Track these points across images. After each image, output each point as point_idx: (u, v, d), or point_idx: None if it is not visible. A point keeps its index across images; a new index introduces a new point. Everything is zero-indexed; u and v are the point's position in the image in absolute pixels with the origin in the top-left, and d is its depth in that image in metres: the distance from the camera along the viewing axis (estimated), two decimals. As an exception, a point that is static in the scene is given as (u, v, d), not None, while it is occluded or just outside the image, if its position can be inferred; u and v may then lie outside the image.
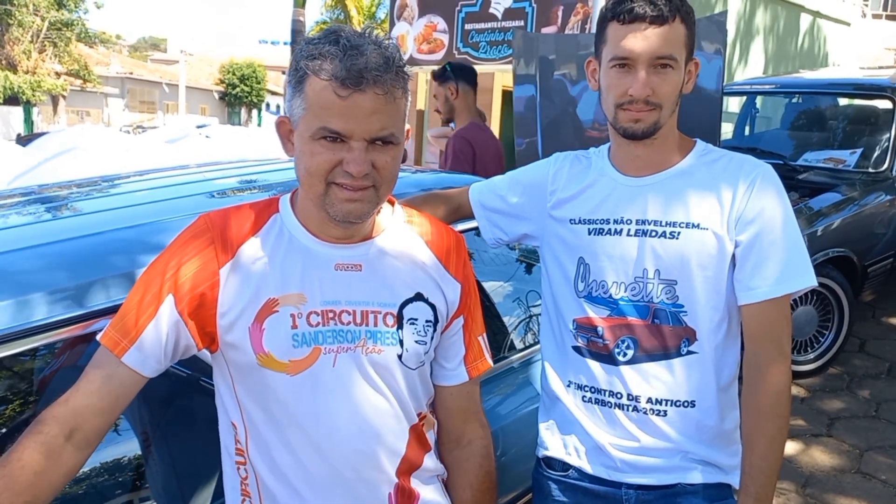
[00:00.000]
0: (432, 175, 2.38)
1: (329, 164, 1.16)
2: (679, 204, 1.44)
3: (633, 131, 1.43)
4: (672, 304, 1.44)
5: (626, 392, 1.47)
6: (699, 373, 1.45)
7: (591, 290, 1.50)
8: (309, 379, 1.21)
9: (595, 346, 1.50)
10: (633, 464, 1.48)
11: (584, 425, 1.52)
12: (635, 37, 1.37)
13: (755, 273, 1.40)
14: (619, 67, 1.41)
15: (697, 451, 1.47)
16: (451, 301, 1.35)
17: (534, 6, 7.93)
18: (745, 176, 1.43)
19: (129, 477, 1.47)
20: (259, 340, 1.19)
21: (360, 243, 1.27)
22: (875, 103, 5.49)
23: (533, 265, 2.83)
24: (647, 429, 1.46)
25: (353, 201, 1.18)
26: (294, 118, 1.19)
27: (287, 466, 1.23)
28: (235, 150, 8.93)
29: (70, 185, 2.18)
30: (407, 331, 1.27)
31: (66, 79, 29.42)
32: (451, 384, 1.40)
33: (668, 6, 1.37)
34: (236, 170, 2.39)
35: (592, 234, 1.50)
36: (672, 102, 1.43)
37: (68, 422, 1.11)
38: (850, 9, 13.62)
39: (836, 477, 3.29)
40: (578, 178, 1.57)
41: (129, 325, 1.16)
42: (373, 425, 1.24)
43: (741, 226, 1.41)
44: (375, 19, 24.44)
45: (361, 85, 1.12)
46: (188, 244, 1.21)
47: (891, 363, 4.48)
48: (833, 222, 4.33)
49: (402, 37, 9.53)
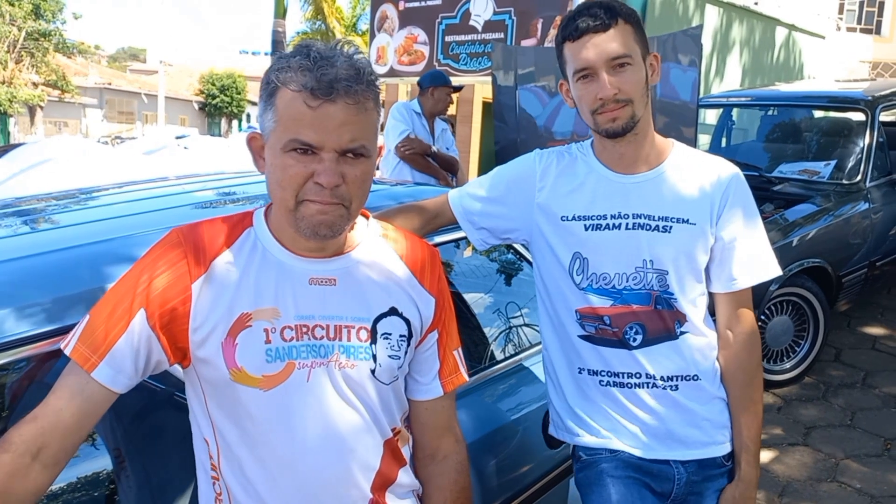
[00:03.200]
0: (408, 188, 2.38)
1: (300, 177, 1.15)
2: (670, 200, 1.59)
3: (614, 129, 1.55)
4: (664, 291, 1.59)
5: (643, 372, 1.61)
6: (694, 350, 1.62)
7: (591, 282, 1.61)
8: (282, 394, 1.20)
9: (605, 332, 1.61)
10: (669, 436, 1.62)
11: (608, 410, 1.64)
12: (587, 48, 1.52)
13: (736, 266, 1.60)
14: (584, 79, 1.55)
15: (711, 416, 1.64)
16: (426, 315, 1.35)
17: (513, 19, 7.98)
18: (725, 178, 1.61)
19: (102, 494, 1.45)
20: (232, 355, 1.18)
21: (335, 257, 1.27)
22: (849, 115, 5.56)
23: (513, 275, 2.84)
24: (667, 402, 1.61)
25: (323, 214, 1.17)
26: (265, 132, 1.19)
27: (259, 483, 1.22)
28: (214, 161, 8.87)
29: (46, 198, 2.16)
30: (380, 345, 1.26)
31: (43, 89, 29.13)
32: (426, 398, 1.40)
33: (607, 13, 1.51)
34: (215, 182, 2.38)
35: (590, 229, 1.60)
36: (641, 95, 1.55)
37: (35, 440, 1.09)
38: (825, 22, 13.84)
39: (813, 486, 3.31)
40: (567, 174, 1.65)
41: (99, 339, 1.14)
42: (346, 440, 1.23)
43: (722, 223, 1.59)
44: (356, 30, 24.48)
45: (332, 95, 1.12)
46: (160, 258, 1.20)
47: (866, 372, 4.53)
48: (808, 233, 4.37)
49: (382, 48, 9.55)
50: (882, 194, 4.89)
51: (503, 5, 8.05)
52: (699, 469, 1.64)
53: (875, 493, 3.23)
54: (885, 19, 23.47)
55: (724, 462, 1.66)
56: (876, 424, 3.88)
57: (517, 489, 1.92)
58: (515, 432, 1.96)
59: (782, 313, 4.30)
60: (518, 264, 2.58)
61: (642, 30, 1.57)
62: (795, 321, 4.36)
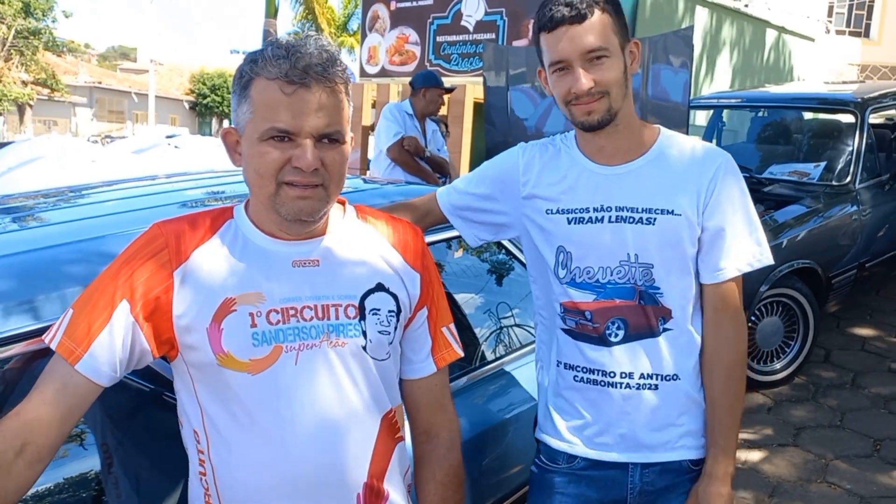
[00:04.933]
0: (399, 188, 2.38)
1: (278, 162, 1.17)
2: (654, 191, 1.53)
3: (590, 123, 1.50)
4: (650, 285, 1.53)
5: (619, 370, 1.55)
6: (677, 348, 1.56)
7: (574, 277, 1.56)
8: (271, 378, 1.20)
9: (585, 328, 1.56)
10: (632, 439, 1.56)
11: (578, 407, 1.60)
12: (561, 40, 1.45)
13: (723, 255, 1.53)
14: (560, 71, 1.49)
15: (687, 422, 1.57)
16: (412, 292, 1.36)
17: (505, 19, 8.00)
18: (711, 164, 1.55)
19: (90, 494, 1.44)
20: (218, 340, 1.18)
21: (316, 238, 1.28)
22: (838, 117, 5.59)
23: (503, 275, 2.83)
24: (641, 404, 1.55)
25: (304, 198, 1.19)
26: (241, 125, 1.22)
27: (251, 468, 1.21)
28: (204, 160, 8.84)
29: (34, 196, 2.15)
30: (370, 321, 1.27)
31: (33, 88, 29.02)
32: (420, 377, 1.41)
33: (584, 2, 1.44)
34: (203, 181, 2.36)
35: (573, 223, 1.55)
36: (619, 86, 1.48)
37: (19, 435, 1.08)
38: (815, 25, 13.92)
39: (802, 486, 3.32)
40: (550, 167, 1.61)
41: (82, 332, 1.14)
42: (340, 423, 1.23)
43: (709, 212, 1.53)
44: (347, 30, 24.47)
45: (306, 80, 1.15)
46: (141, 250, 1.21)
47: (855, 373, 4.55)
48: (798, 234, 4.39)
49: (374, 48, 9.55)
50: (871, 196, 4.92)
51: (495, 6, 8.07)
52: (661, 475, 1.58)
53: (864, 494, 3.24)
54: (874, 22, 23.62)
55: (691, 467, 1.59)
56: (865, 425, 3.90)
57: (506, 491, 1.92)
58: (506, 433, 1.95)
59: (772, 314, 4.32)
60: (509, 264, 2.57)
61: (622, 16, 1.50)
62: (785, 322, 4.37)
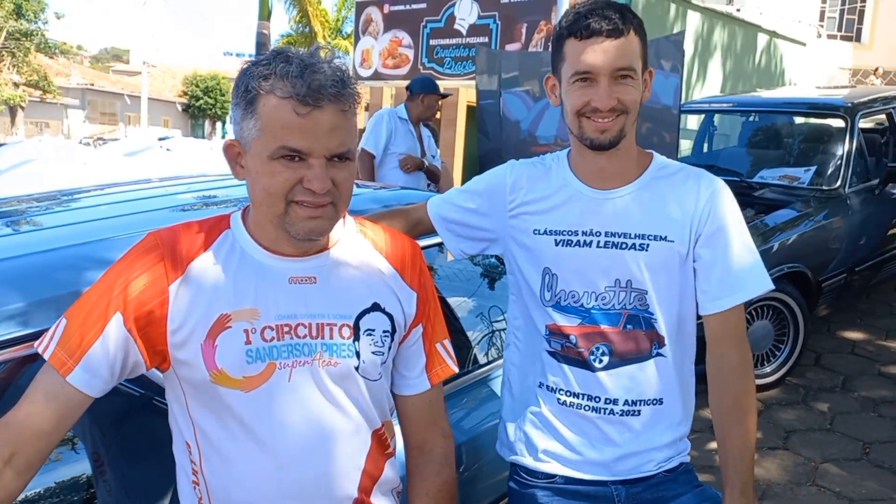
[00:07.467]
0: (392, 192, 2.38)
1: (289, 182, 1.16)
2: (647, 217, 1.50)
3: (601, 142, 1.46)
4: (644, 311, 1.51)
5: (603, 396, 1.52)
6: (666, 373, 1.54)
7: (559, 300, 1.53)
8: (264, 395, 1.20)
9: (570, 351, 1.54)
10: (614, 463, 1.54)
11: (559, 430, 1.57)
12: (594, 51, 1.40)
13: (720, 284, 1.49)
14: (582, 82, 1.43)
15: (664, 439, 1.55)
16: (408, 311, 1.35)
17: (498, 23, 8.01)
18: (704, 191, 1.51)
19: (81, 498, 1.44)
20: (212, 357, 1.18)
21: (314, 256, 1.27)
22: (829, 122, 5.62)
23: (496, 279, 2.84)
24: (624, 430, 1.53)
25: (314, 218, 1.19)
26: (245, 140, 1.19)
27: (244, 483, 1.21)
28: (197, 163, 8.83)
29: (26, 200, 2.14)
30: (364, 342, 1.27)
31: (24, 89, 28.90)
32: (414, 393, 1.40)
33: (623, 20, 1.41)
34: (197, 184, 2.36)
35: (560, 245, 1.52)
36: (635, 110, 1.47)
37: (8, 445, 1.08)
38: (806, 29, 13.99)
39: (792, 489, 3.34)
40: (539, 187, 1.58)
41: (75, 343, 1.13)
42: (331, 440, 1.23)
43: (703, 240, 1.49)
44: (341, 33, 24.46)
45: (321, 102, 1.13)
46: (136, 261, 1.20)
47: (845, 376, 4.57)
48: (788, 238, 4.41)
49: (367, 51, 9.55)
50: (861, 200, 4.94)
51: (488, 10, 8.08)
52: (648, 489, 1.56)
53: (854, 497, 3.26)
54: (865, 27, 23.76)
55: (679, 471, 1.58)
56: (855, 428, 3.92)
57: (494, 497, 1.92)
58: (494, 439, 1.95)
59: (763, 318, 4.34)
60: (501, 268, 2.58)
61: (646, 44, 1.48)
62: (776, 326, 4.39)
